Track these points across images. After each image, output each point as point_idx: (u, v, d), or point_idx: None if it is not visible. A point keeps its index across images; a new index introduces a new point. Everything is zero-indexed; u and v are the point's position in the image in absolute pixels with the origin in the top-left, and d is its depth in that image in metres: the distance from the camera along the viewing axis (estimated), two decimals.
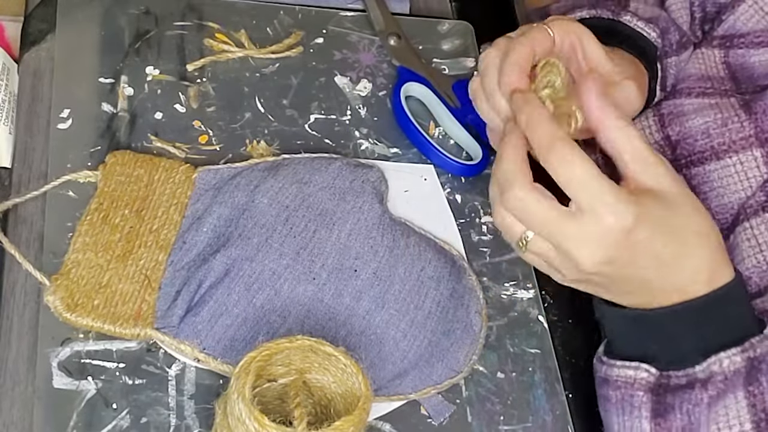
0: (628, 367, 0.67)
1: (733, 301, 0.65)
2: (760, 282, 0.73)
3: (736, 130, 0.77)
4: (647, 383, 0.67)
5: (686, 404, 0.65)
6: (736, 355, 0.64)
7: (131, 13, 0.85)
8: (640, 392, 0.67)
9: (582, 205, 0.60)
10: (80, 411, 0.64)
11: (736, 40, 0.83)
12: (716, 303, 0.64)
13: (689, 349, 0.65)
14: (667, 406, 0.66)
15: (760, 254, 0.73)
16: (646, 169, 0.62)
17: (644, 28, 0.81)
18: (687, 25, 0.87)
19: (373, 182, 0.78)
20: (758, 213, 0.74)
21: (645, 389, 0.67)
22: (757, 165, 0.75)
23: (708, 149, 0.78)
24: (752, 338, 0.65)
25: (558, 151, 0.60)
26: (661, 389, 0.66)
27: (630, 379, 0.67)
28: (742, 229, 0.74)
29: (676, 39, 0.84)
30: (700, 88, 0.82)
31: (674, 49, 0.83)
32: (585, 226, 0.60)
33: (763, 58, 0.82)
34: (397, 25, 0.91)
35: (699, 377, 0.65)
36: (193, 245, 0.72)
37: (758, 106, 0.77)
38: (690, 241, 0.63)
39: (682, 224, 0.63)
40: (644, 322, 0.66)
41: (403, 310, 0.72)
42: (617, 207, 0.60)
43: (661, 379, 0.66)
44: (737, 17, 0.83)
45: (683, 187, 0.64)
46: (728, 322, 0.65)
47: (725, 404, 0.64)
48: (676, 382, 0.66)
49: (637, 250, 0.61)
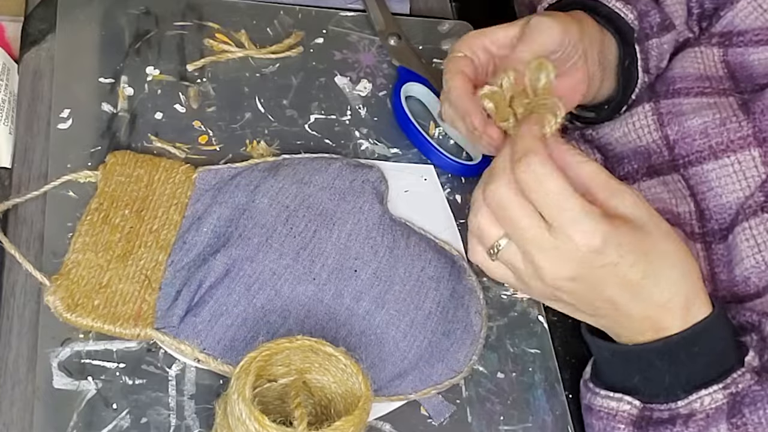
0: (611, 398, 0.67)
1: (712, 336, 0.64)
2: (759, 282, 0.73)
3: (735, 129, 0.77)
4: (629, 416, 0.66)
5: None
6: (717, 392, 0.64)
7: (131, 13, 0.86)
8: (622, 425, 0.67)
9: (553, 222, 0.60)
10: (80, 411, 0.64)
11: (735, 39, 0.84)
12: (694, 340, 0.63)
13: (671, 384, 0.65)
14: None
15: (759, 254, 0.73)
16: (615, 196, 0.62)
17: (622, 9, 0.81)
18: (683, 20, 0.87)
19: (373, 182, 0.78)
20: (757, 213, 0.74)
21: (627, 422, 0.66)
22: (755, 165, 0.75)
23: (706, 149, 0.78)
24: (734, 372, 0.64)
25: (531, 166, 0.60)
26: (644, 422, 0.66)
27: (612, 410, 0.67)
28: (740, 230, 0.74)
29: (656, 21, 0.83)
30: (699, 88, 0.82)
31: (655, 32, 0.83)
32: (555, 241, 0.60)
33: (762, 57, 0.82)
34: (397, 25, 0.91)
35: (681, 413, 0.65)
36: (194, 245, 0.72)
37: (756, 105, 0.77)
38: (660, 269, 0.63)
39: (653, 251, 0.62)
40: (625, 355, 0.65)
41: (403, 310, 0.72)
42: (587, 226, 0.60)
43: (644, 411, 0.66)
44: (735, 14, 0.83)
45: (653, 213, 0.63)
46: (709, 358, 0.65)
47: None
48: (658, 416, 0.66)
49: (604, 272, 0.61)
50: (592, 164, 0.62)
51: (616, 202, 0.62)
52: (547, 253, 0.61)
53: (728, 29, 0.84)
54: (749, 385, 0.64)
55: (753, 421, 0.63)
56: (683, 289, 0.63)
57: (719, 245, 0.77)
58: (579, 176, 0.62)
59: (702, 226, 0.78)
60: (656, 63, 0.84)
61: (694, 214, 0.79)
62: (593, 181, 0.62)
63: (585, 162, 0.62)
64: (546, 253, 0.61)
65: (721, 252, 0.77)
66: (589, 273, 0.61)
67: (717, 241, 0.77)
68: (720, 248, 0.77)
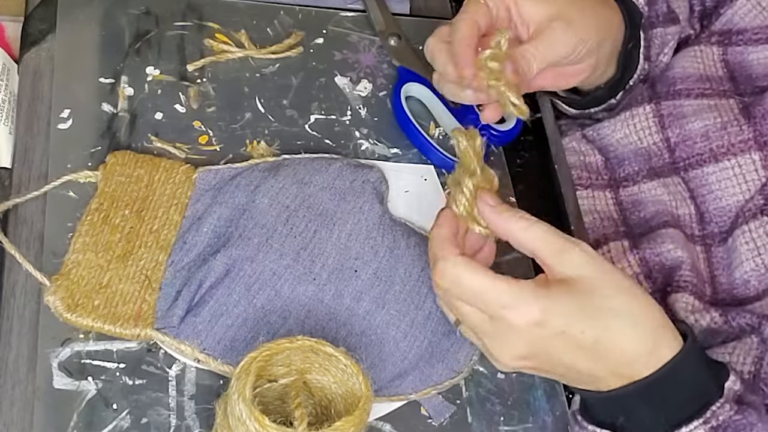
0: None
1: (684, 372, 0.63)
2: (758, 285, 0.73)
3: (735, 133, 0.77)
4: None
5: None
6: (698, 428, 0.63)
7: (131, 13, 0.85)
8: None
9: (487, 311, 0.61)
10: (80, 411, 0.64)
11: (734, 37, 0.84)
12: (665, 379, 0.62)
13: (654, 422, 0.64)
14: None
15: (758, 257, 0.73)
16: (562, 260, 0.61)
17: None
18: (685, 17, 0.87)
19: (374, 182, 0.78)
20: (756, 216, 0.74)
21: None
22: (755, 168, 0.75)
23: (707, 152, 0.78)
24: (713, 405, 0.63)
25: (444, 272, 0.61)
26: None
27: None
28: (740, 233, 0.74)
29: (663, 11, 0.83)
30: (699, 89, 0.82)
31: (660, 21, 0.83)
32: (497, 328, 0.61)
33: (761, 56, 0.82)
34: (397, 26, 0.91)
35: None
36: (194, 245, 0.72)
37: (757, 110, 0.77)
38: (614, 329, 0.61)
39: (602, 309, 0.61)
40: (605, 399, 0.64)
41: (404, 310, 0.72)
42: (520, 306, 0.60)
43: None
44: (735, 12, 0.83)
45: (604, 268, 0.62)
46: (684, 395, 0.63)
47: None
48: None
49: (553, 343, 0.61)
50: (536, 228, 0.62)
51: (562, 266, 0.61)
52: (494, 338, 0.62)
53: (728, 27, 0.84)
54: (729, 416, 0.63)
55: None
56: (644, 339, 0.62)
57: (719, 248, 0.77)
58: (524, 243, 0.62)
59: (702, 228, 0.78)
60: (657, 51, 0.84)
61: (694, 216, 0.79)
62: (538, 246, 0.62)
63: (528, 227, 0.62)
64: (493, 338, 0.62)
65: (721, 255, 0.77)
66: (540, 347, 0.61)
67: (717, 244, 0.77)
68: (720, 251, 0.77)
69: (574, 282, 0.61)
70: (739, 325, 0.71)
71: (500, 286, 0.60)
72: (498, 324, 0.61)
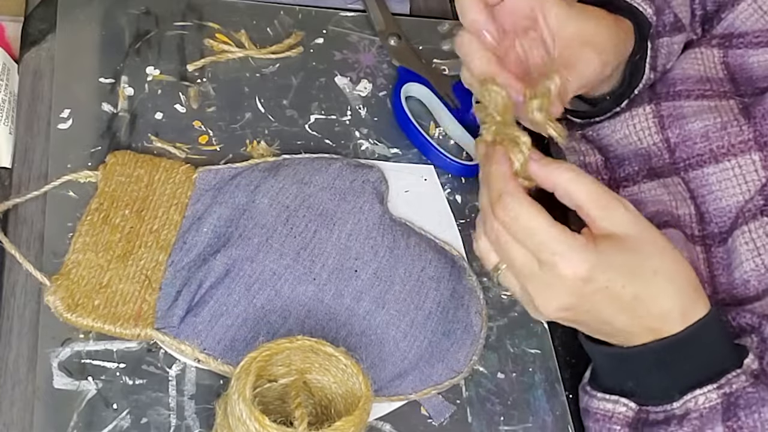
0: (607, 401, 0.68)
1: (708, 336, 0.65)
2: (758, 285, 0.73)
3: (735, 133, 0.77)
4: (625, 418, 0.67)
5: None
6: (711, 392, 0.64)
7: (131, 13, 0.85)
8: (617, 426, 0.67)
9: (539, 256, 0.61)
10: (81, 411, 0.64)
11: (735, 40, 0.84)
12: (690, 340, 0.64)
13: (666, 386, 0.66)
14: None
15: (758, 258, 0.73)
16: (606, 215, 0.62)
17: (641, 3, 0.81)
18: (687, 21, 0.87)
19: (374, 182, 0.78)
20: (756, 217, 0.74)
21: (622, 423, 0.67)
22: (755, 169, 0.75)
23: (707, 152, 0.78)
24: (729, 373, 0.65)
25: (506, 207, 0.61)
26: (639, 424, 0.67)
27: (608, 412, 0.68)
28: (740, 233, 0.74)
29: (670, 20, 0.83)
30: (700, 90, 0.82)
31: (667, 30, 0.83)
32: (545, 275, 0.62)
33: (761, 59, 0.82)
34: (397, 26, 0.91)
35: (676, 413, 0.65)
36: (194, 245, 0.72)
37: (757, 110, 0.77)
38: (654, 283, 0.63)
39: (644, 267, 0.63)
40: (622, 359, 0.66)
41: (404, 310, 0.72)
42: (570, 256, 0.60)
43: (640, 413, 0.67)
44: (736, 16, 0.83)
45: (646, 227, 0.64)
46: (704, 359, 0.65)
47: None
48: (654, 418, 0.66)
49: (596, 297, 0.62)
50: (583, 180, 0.63)
51: (607, 221, 0.62)
52: (539, 286, 0.62)
53: (729, 31, 0.84)
54: (744, 386, 0.64)
55: (748, 424, 0.63)
56: (679, 300, 0.64)
57: (719, 248, 0.77)
58: (571, 193, 0.63)
59: (702, 229, 0.78)
60: (664, 62, 0.84)
61: (694, 216, 0.78)
62: (584, 198, 0.62)
63: (576, 178, 0.63)
64: (538, 286, 0.62)
65: (721, 255, 0.77)
66: (582, 301, 0.62)
67: (717, 245, 0.77)
68: (720, 251, 0.77)
69: (620, 239, 0.62)
70: (740, 325, 0.71)
71: (556, 233, 0.61)
72: (546, 271, 0.61)
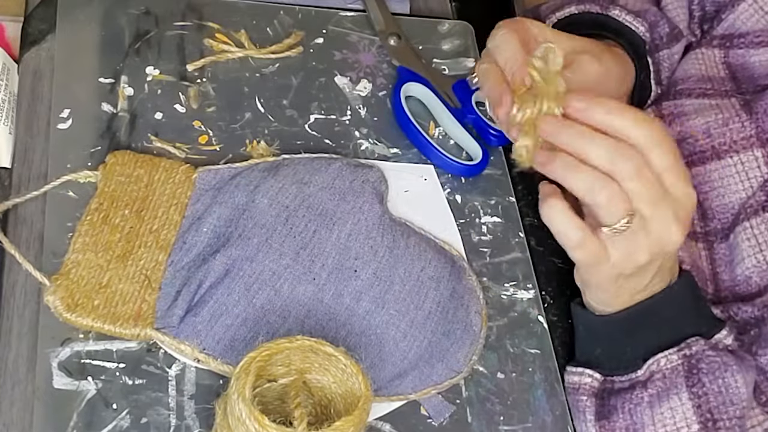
0: (574, 373, 0.71)
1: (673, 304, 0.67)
2: (760, 281, 0.73)
3: (737, 130, 0.77)
4: (591, 388, 0.69)
5: (627, 404, 0.67)
6: (672, 354, 0.66)
7: (131, 13, 0.85)
8: (584, 396, 0.70)
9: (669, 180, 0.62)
10: (80, 411, 0.64)
11: (736, 40, 0.84)
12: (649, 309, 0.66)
13: (630, 355, 0.67)
14: (611, 408, 0.68)
15: (760, 254, 0.73)
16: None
17: (632, 22, 0.81)
18: (685, 24, 0.87)
19: (373, 182, 0.78)
20: (758, 213, 0.74)
21: (588, 394, 0.69)
22: (757, 165, 0.76)
23: (709, 149, 0.78)
24: (689, 339, 0.67)
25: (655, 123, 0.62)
26: (605, 393, 0.68)
27: (576, 384, 0.70)
28: (742, 229, 0.74)
29: (665, 32, 0.84)
30: (701, 89, 0.82)
31: (665, 42, 0.84)
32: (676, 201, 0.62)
33: (763, 58, 0.82)
34: (397, 25, 0.91)
35: (640, 379, 0.67)
36: (193, 245, 0.72)
37: (759, 106, 0.77)
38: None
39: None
40: (590, 326, 0.68)
41: (403, 310, 0.72)
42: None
43: (605, 384, 0.69)
44: (737, 16, 0.83)
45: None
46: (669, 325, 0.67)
47: (671, 406, 0.65)
48: (619, 386, 0.68)
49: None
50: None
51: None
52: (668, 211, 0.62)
53: (729, 31, 0.84)
54: (703, 349, 0.66)
55: (713, 390, 0.65)
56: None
57: (721, 244, 0.77)
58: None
59: (704, 225, 0.78)
60: (667, 74, 0.84)
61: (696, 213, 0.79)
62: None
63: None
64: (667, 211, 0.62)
65: (723, 251, 0.77)
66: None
67: (719, 241, 0.77)
68: (722, 247, 0.77)
69: None
70: (743, 320, 0.72)
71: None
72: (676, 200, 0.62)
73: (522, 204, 0.84)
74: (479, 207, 0.83)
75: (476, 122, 0.86)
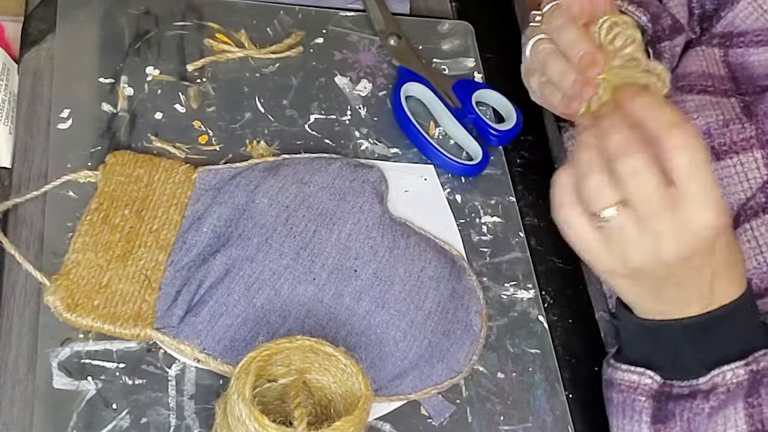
0: (632, 372, 0.68)
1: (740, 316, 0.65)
2: (760, 284, 0.73)
3: (737, 131, 0.77)
4: (650, 389, 0.67)
5: (687, 412, 0.65)
6: (739, 368, 0.64)
7: (131, 13, 0.85)
8: (642, 397, 0.67)
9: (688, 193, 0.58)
10: (80, 411, 0.64)
11: (736, 39, 0.84)
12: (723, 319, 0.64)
13: (693, 362, 0.66)
14: (668, 412, 0.66)
15: (760, 255, 0.73)
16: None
17: (635, 12, 0.81)
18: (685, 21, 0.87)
19: (373, 182, 0.78)
20: (758, 214, 0.74)
21: (647, 395, 0.67)
22: (757, 166, 0.75)
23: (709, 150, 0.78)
24: (756, 352, 0.65)
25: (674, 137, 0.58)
26: (663, 396, 0.67)
27: (633, 383, 0.68)
28: (742, 231, 0.74)
29: (668, 24, 0.83)
30: (702, 86, 0.82)
31: (667, 34, 0.83)
32: (684, 215, 0.58)
33: (762, 58, 0.82)
34: (397, 25, 0.91)
35: (702, 388, 0.65)
36: (193, 245, 0.72)
37: (759, 108, 0.77)
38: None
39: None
40: (653, 331, 0.66)
41: (403, 310, 0.72)
42: (720, 204, 0.58)
43: (664, 387, 0.67)
44: (736, 14, 0.83)
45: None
46: (734, 338, 0.65)
47: (725, 414, 0.64)
48: (678, 392, 0.66)
49: (713, 255, 0.60)
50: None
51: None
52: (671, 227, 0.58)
53: (729, 30, 0.84)
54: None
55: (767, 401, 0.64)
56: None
57: None
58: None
59: None
60: (668, 66, 0.84)
61: None
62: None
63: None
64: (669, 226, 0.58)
65: None
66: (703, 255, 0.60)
67: None
68: None
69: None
70: None
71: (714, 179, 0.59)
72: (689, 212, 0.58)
73: (522, 204, 0.84)
74: (479, 207, 0.83)
75: (476, 122, 0.86)
